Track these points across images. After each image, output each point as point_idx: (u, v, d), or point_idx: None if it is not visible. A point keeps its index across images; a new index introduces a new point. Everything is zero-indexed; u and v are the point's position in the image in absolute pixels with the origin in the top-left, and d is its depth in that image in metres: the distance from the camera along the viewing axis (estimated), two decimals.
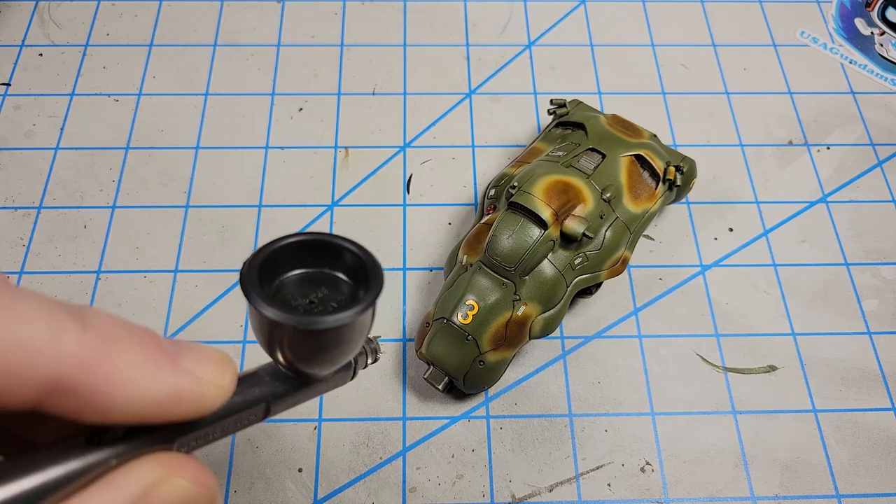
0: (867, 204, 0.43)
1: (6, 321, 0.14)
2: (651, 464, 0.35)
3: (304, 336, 0.18)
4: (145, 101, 0.46)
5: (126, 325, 0.16)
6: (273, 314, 0.17)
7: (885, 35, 0.50)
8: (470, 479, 0.34)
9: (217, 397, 0.17)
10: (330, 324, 0.17)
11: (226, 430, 0.19)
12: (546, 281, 0.34)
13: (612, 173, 0.37)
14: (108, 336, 0.15)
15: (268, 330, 0.18)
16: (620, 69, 0.49)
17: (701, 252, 0.41)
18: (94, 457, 0.16)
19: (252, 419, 0.19)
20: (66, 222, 0.41)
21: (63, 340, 0.14)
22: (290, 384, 0.20)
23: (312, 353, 0.19)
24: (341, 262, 0.19)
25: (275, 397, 0.19)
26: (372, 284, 0.18)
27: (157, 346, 0.16)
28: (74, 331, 0.15)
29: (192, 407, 0.16)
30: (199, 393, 0.16)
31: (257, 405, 0.19)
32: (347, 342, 0.19)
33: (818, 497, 0.34)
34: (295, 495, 0.34)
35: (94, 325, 0.15)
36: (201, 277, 0.40)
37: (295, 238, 0.19)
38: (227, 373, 0.17)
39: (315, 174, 0.44)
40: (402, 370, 0.37)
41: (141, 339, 0.16)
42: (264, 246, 0.18)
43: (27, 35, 0.49)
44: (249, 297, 0.17)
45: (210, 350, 0.17)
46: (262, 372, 0.19)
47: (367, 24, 0.50)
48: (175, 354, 0.16)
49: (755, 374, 0.38)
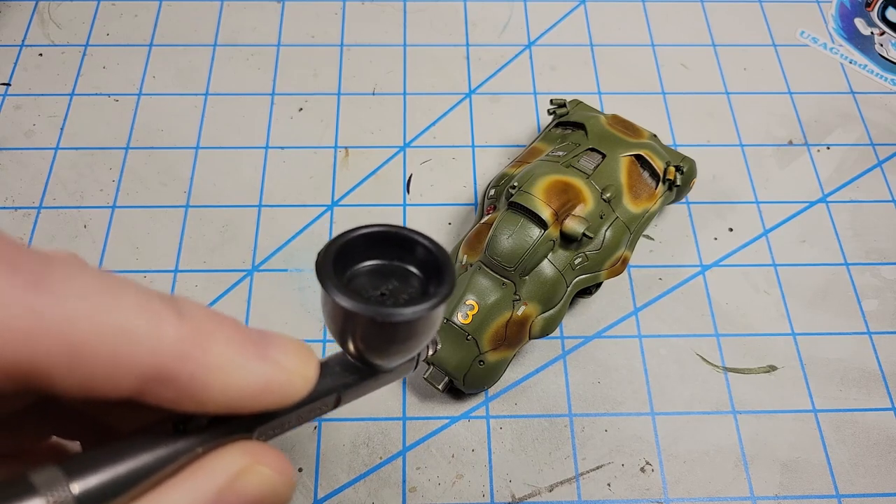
0: (867, 204, 0.43)
1: (111, 310, 0.14)
2: (651, 464, 0.35)
3: (380, 327, 0.18)
4: (145, 101, 0.46)
5: (216, 315, 0.16)
6: (349, 304, 0.17)
7: (885, 35, 0.50)
8: (470, 479, 0.34)
9: (303, 387, 0.17)
10: (407, 316, 0.17)
11: (300, 419, 0.19)
12: (546, 281, 0.34)
13: (612, 173, 0.37)
14: (203, 325, 0.15)
15: (342, 320, 0.18)
16: (620, 69, 0.49)
17: (701, 252, 0.41)
18: (181, 445, 0.16)
19: (324, 409, 0.19)
20: (66, 222, 0.41)
21: (162, 330, 0.15)
22: (358, 374, 0.20)
23: (385, 344, 0.19)
24: (413, 255, 0.19)
25: (345, 387, 0.19)
26: (445, 278, 0.18)
27: (247, 335, 0.16)
28: (172, 320, 0.15)
29: (279, 397, 0.16)
30: (287, 383, 0.16)
31: (330, 395, 0.19)
32: (419, 335, 0.19)
33: (818, 497, 0.34)
34: (295, 495, 0.34)
35: (189, 314, 0.15)
36: (201, 277, 0.40)
37: (368, 229, 0.19)
38: (311, 363, 0.17)
39: (315, 174, 0.44)
40: None
41: (232, 329, 0.16)
42: (338, 236, 0.18)
43: (27, 35, 0.49)
44: (325, 285, 0.17)
45: (293, 340, 0.17)
46: (333, 362, 0.19)
47: (367, 24, 0.50)
48: (263, 345, 0.16)
49: (755, 374, 0.38)
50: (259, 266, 0.40)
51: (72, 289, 0.14)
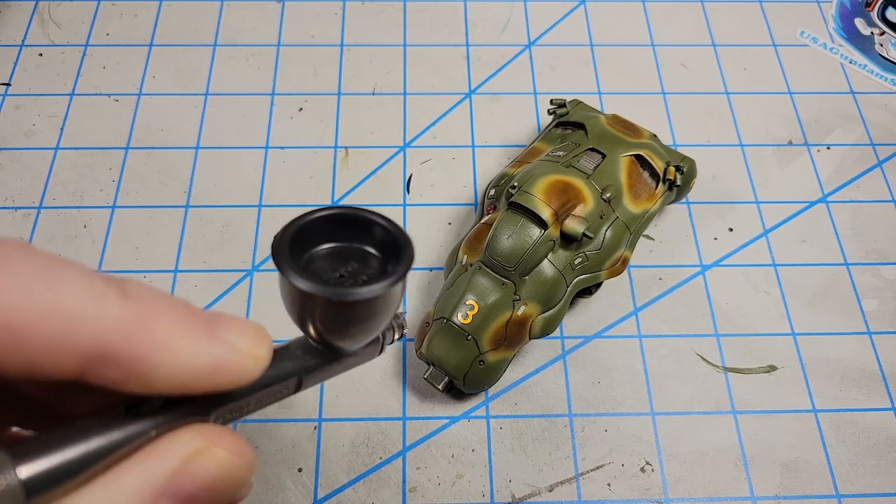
0: (867, 204, 0.43)
1: (50, 291, 0.14)
2: (651, 464, 0.35)
3: (337, 308, 0.18)
4: (145, 101, 0.46)
5: (164, 295, 0.16)
6: (306, 286, 0.17)
7: (885, 35, 0.50)
8: (470, 479, 0.34)
9: (255, 368, 0.17)
10: (363, 295, 0.17)
11: (260, 402, 0.19)
12: (546, 281, 0.34)
13: (612, 173, 0.37)
14: (149, 305, 0.15)
15: (300, 302, 0.18)
16: (620, 69, 0.49)
17: (701, 252, 0.41)
18: (134, 427, 0.16)
19: (285, 392, 0.19)
20: (66, 222, 0.41)
21: (105, 310, 0.15)
22: (320, 358, 0.20)
23: (344, 325, 0.19)
24: (371, 236, 0.19)
25: (306, 371, 0.19)
26: (403, 257, 0.18)
27: (196, 315, 0.16)
28: (115, 300, 0.15)
29: (230, 377, 0.16)
30: (237, 363, 0.16)
31: (290, 378, 0.19)
32: (378, 315, 0.19)
33: (818, 497, 0.34)
34: (295, 495, 0.34)
35: (134, 294, 0.15)
36: (201, 277, 0.40)
37: (325, 212, 0.19)
38: (263, 343, 0.17)
39: (315, 174, 0.44)
40: (402, 370, 0.37)
41: (180, 309, 0.16)
42: (295, 219, 0.18)
43: (27, 35, 0.49)
44: (282, 268, 0.17)
45: (246, 321, 0.17)
46: (294, 346, 0.19)
47: (367, 24, 0.50)
48: (213, 324, 0.16)
49: (755, 374, 0.38)
50: (259, 266, 0.40)
51: (12, 271, 0.14)
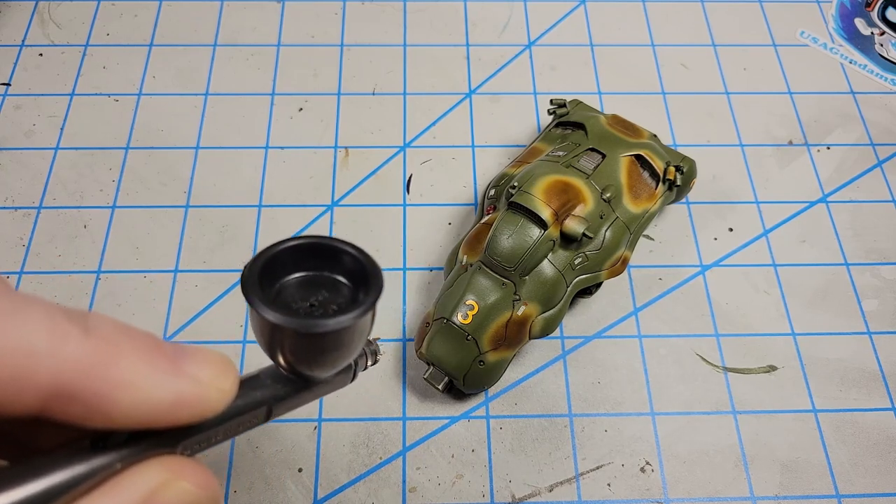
0: (867, 204, 0.43)
1: (9, 327, 0.14)
2: (651, 464, 0.35)
3: (306, 339, 0.18)
4: (145, 101, 0.46)
5: (127, 330, 0.16)
6: (274, 317, 0.17)
7: (885, 35, 0.50)
8: (470, 479, 0.34)
9: (219, 401, 0.17)
10: (330, 327, 0.17)
11: (228, 432, 0.19)
12: (546, 281, 0.34)
13: (612, 173, 0.37)
14: (111, 341, 0.15)
15: (269, 333, 0.18)
16: (620, 69, 0.49)
17: (701, 252, 0.41)
18: (98, 461, 0.16)
19: (254, 422, 0.19)
20: (66, 222, 0.41)
21: (66, 346, 0.15)
22: (291, 386, 0.20)
23: (313, 355, 0.19)
24: (341, 265, 0.19)
25: (276, 400, 0.19)
26: (372, 287, 0.18)
27: (159, 349, 0.16)
28: (77, 336, 0.15)
29: (194, 411, 0.16)
30: (201, 397, 0.16)
31: (259, 408, 0.19)
32: (348, 345, 0.19)
33: (818, 497, 0.34)
34: (295, 495, 0.34)
35: (96, 329, 0.15)
36: (201, 277, 0.40)
37: (295, 241, 0.19)
38: (228, 376, 0.17)
39: (315, 174, 0.44)
40: (402, 370, 0.37)
41: (143, 343, 0.16)
42: (265, 249, 0.19)
43: (27, 35, 0.49)
44: (251, 300, 0.17)
45: (211, 353, 0.17)
46: (264, 375, 0.19)
47: (367, 24, 0.50)
48: (177, 358, 0.16)
49: (755, 374, 0.38)
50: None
51: None
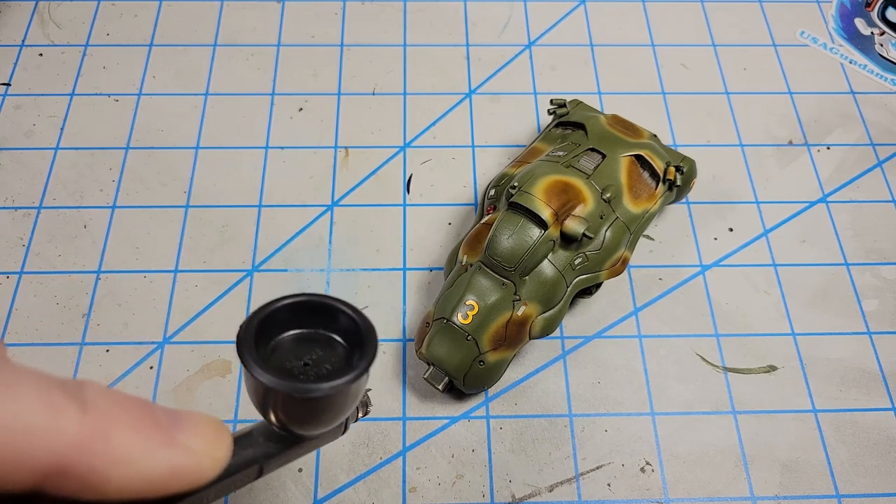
0: (867, 204, 0.43)
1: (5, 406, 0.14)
2: (651, 464, 0.35)
3: (300, 402, 0.18)
4: (145, 101, 0.46)
5: (123, 401, 0.16)
6: (268, 380, 0.17)
7: (885, 35, 0.50)
8: (470, 479, 0.34)
9: (212, 469, 0.17)
10: (325, 391, 0.17)
11: (220, 492, 0.19)
12: (546, 281, 0.34)
13: (612, 173, 0.37)
14: (106, 415, 0.15)
15: (262, 394, 0.18)
16: (620, 69, 0.49)
17: (701, 252, 0.41)
18: None
19: (245, 480, 0.19)
20: (66, 222, 0.41)
21: (62, 424, 0.14)
22: (282, 444, 0.20)
23: (306, 416, 0.19)
24: (337, 323, 0.19)
25: (267, 457, 0.19)
26: (366, 350, 0.18)
27: (153, 420, 0.16)
28: (73, 413, 0.15)
29: (187, 481, 0.16)
30: (195, 467, 0.16)
31: (251, 467, 0.19)
32: (342, 406, 0.19)
33: (818, 497, 0.34)
34: (295, 495, 0.34)
35: (93, 404, 0.15)
36: (201, 277, 0.40)
37: (292, 299, 0.19)
38: (223, 444, 0.17)
39: (315, 174, 0.44)
40: (402, 370, 0.37)
41: (138, 415, 0.16)
42: (262, 307, 0.19)
43: (27, 35, 0.49)
44: (245, 361, 0.17)
45: (206, 419, 0.17)
46: (256, 432, 0.19)
47: (367, 24, 0.50)
48: (170, 428, 0.16)
49: (755, 374, 0.38)
50: (259, 266, 0.40)
51: None
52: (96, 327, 0.38)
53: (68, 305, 0.39)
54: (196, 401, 0.36)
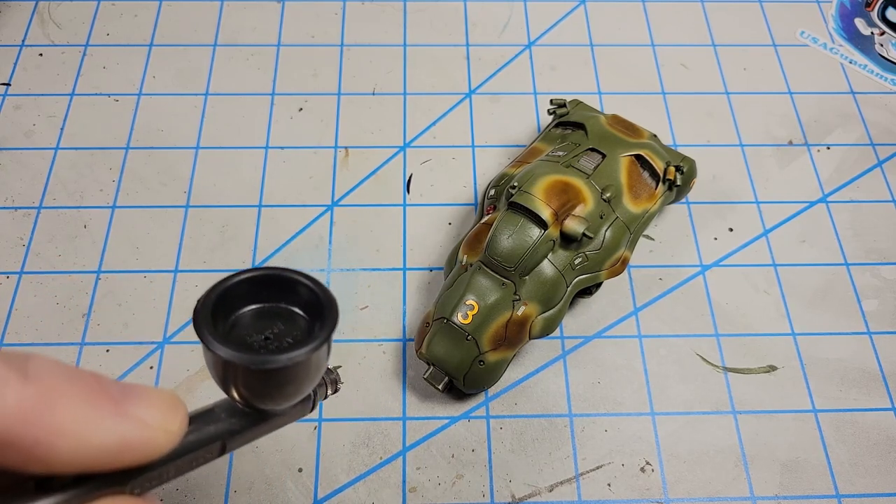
0: (867, 204, 0.43)
1: None
2: (651, 464, 0.35)
3: (258, 375, 0.18)
4: (145, 101, 0.46)
5: (70, 372, 0.16)
6: (225, 353, 0.17)
7: (885, 35, 0.50)
8: (470, 479, 0.34)
9: (166, 442, 0.17)
10: (283, 362, 0.17)
11: (180, 469, 0.18)
12: (546, 281, 0.34)
13: (612, 173, 0.37)
14: (51, 386, 0.15)
15: (221, 368, 0.18)
16: (620, 69, 0.49)
17: (701, 252, 0.41)
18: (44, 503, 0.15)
19: (208, 457, 0.19)
20: (66, 222, 0.41)
21: (3, 395, 0.14)
22: (246, 420, 0.19)
23: (268, 390, 0.18)
24: (297, 296, 0.19)
25: (231, 434, 0.19)
26: (327, 320, 0.18)
27: (103, 392, 0.16)
28: (15, 383, 0.15)
29: (140, 453, 0.16)
30: (146, 439, 0.16)
31: (213, 443, 0.19)
32: (303, 379, 0.19)
33: (818, 497, 0.34)
34: (295, 495, 0.34)
35: (36, 375, 0.15)
36: (201, 277, 0.40)
37: (250, 273, 0.19)
38: (176, 416, 0.17)
39: (315, 174, 0.44)
40: (402, 370, 0.37)
41: (85, 387, 0.16)
42: (219, 283, 0.18)
43: (27, 35, 0.49)
44: (201, 335, 0.17)
45: (159, 393, 0.17)
46: (219, 409, 0.19)
47: (367, 24, 0.50)
48: (121, 400, 0.16)
49: (755, 374, 0.38)
50: (259, 266, 0.40)
51: None
52: (96, 327, 0.38)
53: (68, 305, 0.39)
54: (196, 401, 0.36)
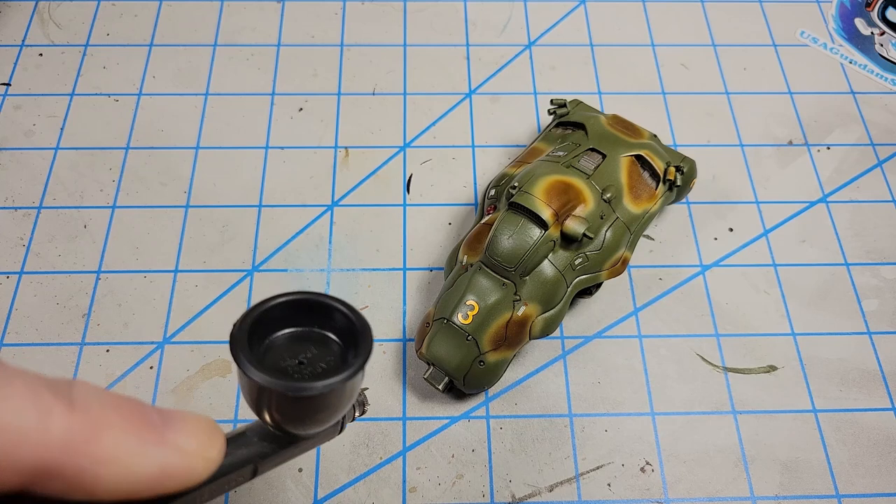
0: (867, 204, 0.43)
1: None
2: (651, 464, 0.35)
3: (293, 401, 0.18)
4: (145, 101, 0.46)
5: (113, 400, 0.16)
6: (262, 379, 0.17)
7: (885, 35, 0.50)
8: (470, 479, 0.34)
9: (205, 470, 0.17)
10: (319, 390, 0.17)
11: (213, 492, 0.18)
12: (546, 281, 0.34)
13: (612, 173, 0.37)
14: (95, 415, 0.15)
15: (256, 393, 0.18)
16: (620, 69, 0.49)
17: (701, 252, 0.41)
18: None
19: (240, 480, 0.19)
20: (66, 222, 0.41)
21: (49, 424, 0.14)
22: (277, 443, 0.19)
23: (301, 415, 0.19)
24: (331, 321, 0.19)
25: (262, 457, 0.19)
26: (361, 348, 0.18)
27: (144, 420, 0.16)
28: (61, 413, 0.15)
29: (180, 481, 0.16)
30: (186, 467, 0.16)
31: (245, 467, 0.19)
32: (336, 405, 0.19)
33: (818, 497, 0.34)
34: (295, 495, 0.34)
35: (81, 403, 0.15)
36: (201, 277, 0.40)
37: (286, 297, 0.19)
38: (215, 444, 0.17)
39: (315, 174, 0.44)
40: (402, 370, 0.37)
41: (128, 414, 0.16)
42: (255, 306, 0.18)
43: (27, 35, 0.49)
44: (238, 360, 0.17)
45: (198, 419, 0.17)
46: (251, 432, 0.19)
47: (367, 24, 0.50)
48: (162, 428, 0.16)
49: (755, 374, 0.38)
50: (259, 266, 0.40)
51: None
52: (96, 327, 0.38)
53: (68, 305, 0.39)
54: (196, 401, 0.36)
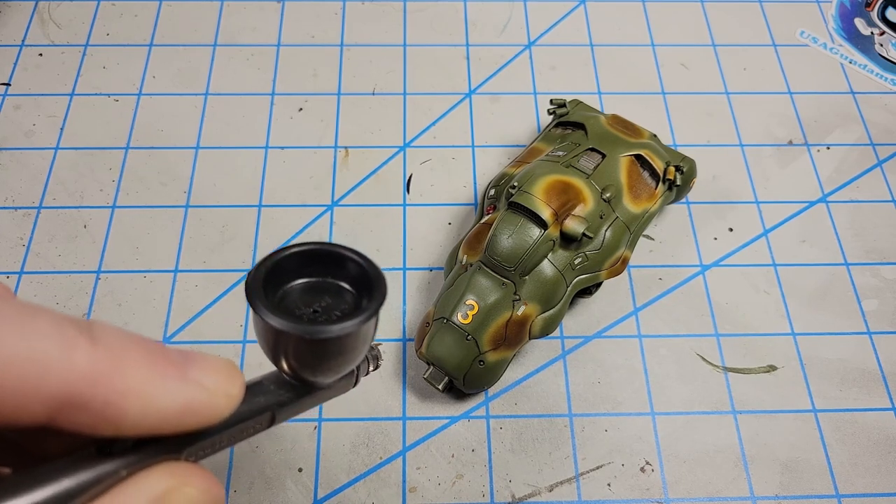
0: (867, 204, 0.43)
1: (17, 336, 0.14)
2: (651, 464, 0.35)
3: (309, 345, 0.18)
4: (145, 101, 0.46)
5: (133, 338, 0.16)
6: (278, 323, 0.17)
7: (885, 35, 0.50)
8: (470, 479, 0.34)
9: (226, 407, 0.17)
10: (335, 332, 0.17)
11: (232, 438, 0.19)
12: (546, 281, 0.34)
13: (612, 173, 0.37)
14: (117, 349, 0.15)
15: (273, 339, 0.18)
16: (620, 69, 0.49)
17: (701, 252, 0.41)
18: (104, 468, 0.16)
19: (258, 427, 0.19)
20: (66, 222, 0.41)
21: (74, 356, 0.14)
22: (294, 392, 0.20)
23: (317, 361, 0.19)
24: (345, 271, 0.19)
25: (280, 405, 0.19)
26: (375, 293, 0.18)
27: (166, 357, 0.16)
28: (84, 346, 0.15)
29: (202, 417, 0.16)
30: (208, 403, 0.16)
31: (263, 413, 0.19)
32: (351, 350, 0.19)
33: (818, 497, 0.34)
34: (295, 495, 0.34)
35: (103, 339, 0.15)
36: (201, 277, 0.40)
37: (299, 248, 0.19)
38: (235, 382, 0.17)
39: (315, 174, 0.44)
40: (402, 370, 0.37)
41: (149, 351, 0.16)
42: (269, 255, 0.19)
43: (27, 35, 0.49)
44: (255, 306, 0.17)
45: (218, 359, 0.17)
46: (267, 381, 0.20)
47: (367, 24, 0.50)
48: (183, 365, 0.16)
49: (755, 374, 0.38)
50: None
51: None
52: None
53: (68, 305, 0.39)
54: None
